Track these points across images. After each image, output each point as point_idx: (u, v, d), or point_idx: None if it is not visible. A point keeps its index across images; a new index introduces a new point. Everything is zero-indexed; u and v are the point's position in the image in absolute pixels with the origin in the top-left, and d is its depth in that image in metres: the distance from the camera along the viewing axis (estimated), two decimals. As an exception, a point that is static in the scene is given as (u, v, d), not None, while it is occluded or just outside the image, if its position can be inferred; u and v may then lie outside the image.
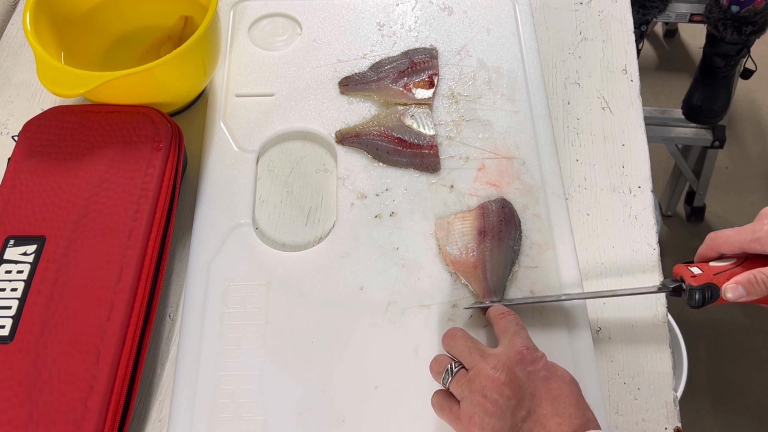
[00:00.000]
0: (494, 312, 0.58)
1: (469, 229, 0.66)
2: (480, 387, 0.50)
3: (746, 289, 0.54)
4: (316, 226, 0.69)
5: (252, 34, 0.81)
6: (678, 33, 2.10)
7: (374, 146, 0.72)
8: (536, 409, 0.49)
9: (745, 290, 0.54)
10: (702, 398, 1.52)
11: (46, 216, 0.61)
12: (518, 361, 0.51)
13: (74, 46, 0.74)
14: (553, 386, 0.50)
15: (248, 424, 0.57)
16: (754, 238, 0.54)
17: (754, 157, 1.89)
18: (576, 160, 0.73)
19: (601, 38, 0.83)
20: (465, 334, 0.55)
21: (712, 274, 0.56)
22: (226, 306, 0.62)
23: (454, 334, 0.56)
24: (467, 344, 0.54)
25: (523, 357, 0.51)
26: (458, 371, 0.53)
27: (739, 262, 0.56)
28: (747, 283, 0.54)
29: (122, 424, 0.55)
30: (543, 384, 0.50)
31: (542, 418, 0.48)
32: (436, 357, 0.56)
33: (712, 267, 0.57)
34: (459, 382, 0.52)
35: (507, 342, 0.53)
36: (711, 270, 0.57)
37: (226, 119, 0.74)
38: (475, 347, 0.53)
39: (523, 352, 0.51)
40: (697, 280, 0.57)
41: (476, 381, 0.51)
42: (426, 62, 0.77)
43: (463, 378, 0.52)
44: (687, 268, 0.58)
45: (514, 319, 0.56)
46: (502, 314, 0.57)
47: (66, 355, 0.55)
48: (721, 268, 0.56)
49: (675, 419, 0.59)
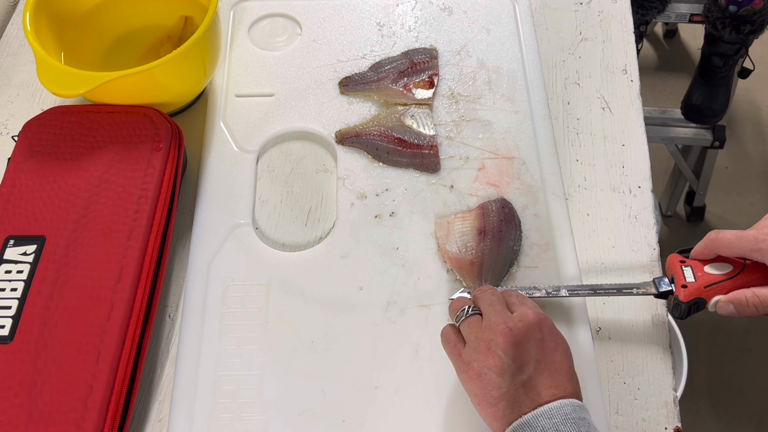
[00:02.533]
0: (476, 290, 0.57)
1: (469, 229, 0.66)
2: (487, 338, 0.51)
3: (737, 309, 0.55)
4: (316, 226, 0.69)
5: (252, 34, 0.81)
6: (678, 33, 2.10)
7: (374, 146, 0.72)
8: (537, 377, 0.49)
9: (736, 309, 0.55)
10: (702, 398, 1.52)
11: (46, 216, 0.61)
12: (533, 327, 0.51)
13: (74, 46, 0.74)
14: (557, 358, 0.50)
15: (248, 424, 0.57)
16: (756, 248, 0.53)
17: (754, 157, 1.89)
18: (576, 160, 0.73)
19: (601, 38, 0.83)
20: (495, 291, 0.56)
21: (703, 286, 0.56)
22: (226, 306, 0.62)
23: (485, 289, 0.56)
24: (492, 298, 0.54)
25: (540, 324, 0.51)
26: (473, 315, 0.54)
27: (736, 270, 0.56)
28: (738, 303, 0.55)
29: (122, 424, 0.55)
30: (549, 355, 0.50)
31: (539, 385, 0.49)
32: (458, 297, 0.58)
33: (705, 275, 0.56)
34: (470, 324, 0.53)
35: (519, 309, 0.53)
36: (703, 280, 0.56)
37: (226, 119, 0.74)
38: (499, 302, 0.54)
39: (540, 320, 0.52)
40: (686, 294, 0.56)
41: (485, 331, 0.51)
42: (426, 62, 0.77)
43: (475, 323, 0.53)
44: (681, 268, 0.58)
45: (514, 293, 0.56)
46: (481, 290, 0.56)
47: (66, 355, 0.55)
48: (715, 278, 0.56)
49: (675, 419, 0.59)
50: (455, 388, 0.58)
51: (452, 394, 0.58)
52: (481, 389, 0.50)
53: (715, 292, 0.56)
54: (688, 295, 0.56)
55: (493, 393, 0.49)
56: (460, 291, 0.62)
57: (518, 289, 0.62)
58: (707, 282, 0.56)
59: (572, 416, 0.47)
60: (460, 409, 0.57)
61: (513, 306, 0.54)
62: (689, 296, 0.56)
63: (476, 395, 0.50)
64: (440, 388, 0.58)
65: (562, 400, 0.48)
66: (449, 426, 0.57)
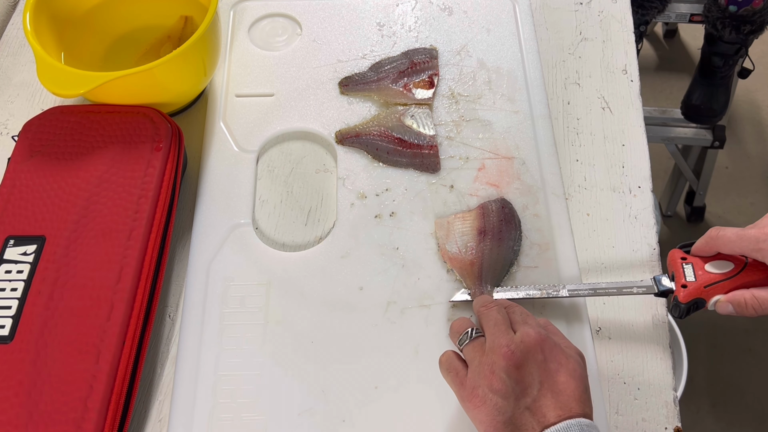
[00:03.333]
0: (479, 303, 0.57)
1: (469, 229, 0.66)
2: (490, 361, 0.50)
3: (735, 310, 0.55)
4: (316, 226, 0.69)
5: (252, 34, 0.81)
6: (678, 33, 2.10)
7: (374, 146, 0.72)
8: (541, 399, 0.49)
9: (735, 310, 0.55)
10: (702, 398, 1.52)
11: (46, 216, 0.61)
12: (534, 348, 0.50)
13: (74, 46, 0.74)
14: (560, 379, 0.49)
15: (248, 424, 0.57)
16: (757, 248, 0.53)
17: (754, 157, 1.89)
18: (576, 160, 0.73)
19: (601, 38, 0.83)
20: (499, 307, 0.55)
21: (702, 286, 0.56)
22: (226, 306, 0.62)
23: (491, 306, 0.55)
24: (497, 318, 0.53)
25: (542, 345, 0.51)
26: (477, 338, 0.53)
27: (737, 269, 0.56)
28: (737, 304, 0.55)
29: (122, 424, 0.55)
30: (552, 376, 0.50)
31: (544, 407, 0.48)
32: (460, 318, 0.57)
33: (706, 274, 0.56)
34: (474, 348, 0.52)
35: (521, 328, 0.52)
36: (703, 279, 0.56)
37: (226, 119, 0.74)
38: (504, 323, 0.53)
39: (542, 340, 0.51)
40: (686, 294, 0.56)
41: (490, 354, 0.50)
42: (426, 62, 0.77)
43: (479, 346, 0.52)
44: (681, 266, 0.57)
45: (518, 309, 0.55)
46: (485, 306, 0.56)
47: (66, 355, 0.55)
48: (715, 278, 0.56)
49: (675, 419, 0.59)
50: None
51: (452, 394, 0.58)
52: (487, 416, 0.49)
53: (714, 292, 0.56)
54: (688, 295, 0.56)
55: (499, 419, 0.48)
56: (460, 292, 0.62)
57: (518, 288, 0.62)
58: (707, 282, 0.56)
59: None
60: (460, 409, 0.57)
61: (516, 325, 0.53)
62: (689, 297, 0.56)
63: (482, 423, 0.49)
64: (440, 388, 0.58)
65: (569, 421, 0.47)
66: (449, 426, 0.57)
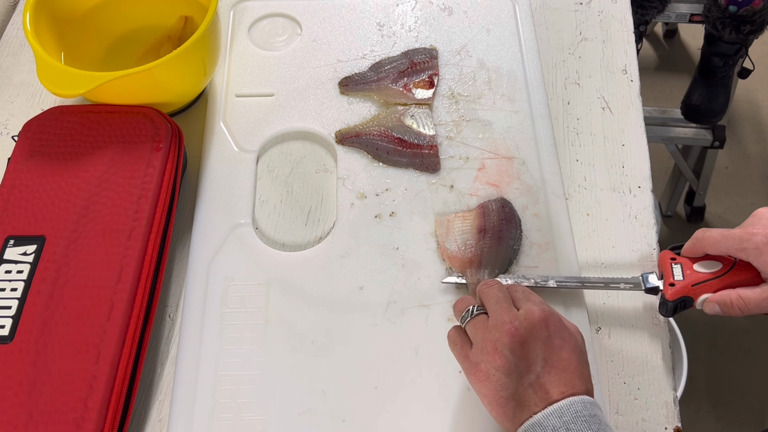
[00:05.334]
0: (481, 285, 0.57)
1: (469, 228, 0.66)
2: (493, 338, 0.50)
3: (722, 309, 0.56)
4: (316, 226, 0.69)
5: (252, 34, 0.81)
6: (678, 33, 2.10)
7: (374, 146, 0.72)
8: (545, 376, 0.49)
9: (721, 310, 0.56)
10: (702, 398, 1.52)
11: (46, 216, 0.61)
12: (539, 324, 0.50)
13: (74, 46, 0.74)
14: (564, 356, 0.50)
15: (248, 424, 0.57)
16: (741, 247, 0.54)
17: (754, 157, 1.89)
18: (576, 160, 0.73)
19: (601, 38, 0.83)
20: (501, 286, 0.55)
21: (690, 284, 0.56)
22: (226, 306, 0.62)
23: (491, 284, 0.55)
24: (498, 295, 0.53)
25: (546, 321, 0.51)
26: (479, 315, 0.53)
27: (725, 269, 0.56)
28: (723, 304, 0.55)
29: (122, 424, 0.55)
30: (556, 352, 0.50)
31: (548, 384, 0.48)
32: (462, 297, 0.56)
33: (694, 273, 0.57)
34: (476, 325, 0.52)
35: (525, 305, 0.52)
36: (691, 278, 0.57)
37: (226, 119, 0.74)
38: (506, 300, 0.53)
39: (546, 317, 0.51)
40: (674, 292, 0.57)
41: (492, 331, 0.50)
42: (426, 62, 0.77)
43: (481, 323, 0.52)
44: (670, 266, 0.58)
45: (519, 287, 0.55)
46: (486, 284, 0.56)
47: (66, 355, 0.55)
48: (703, 277, 0.56)
49: (675, 419, 0.59)
50: (455, 387, 0.58)
51: (452, 394, 0.58)
52: (490, 390, 0.49)
53: (702, 291, 0.56)
54: (675, 293, 0.57)
55: (502, 394, 0.49)
56: (454, 276, 0.62)
57: (507, 276, 0.62)
58: (695, 280, 0.56)
59: (582, 413, 0.47)
60: (460, 409, 0.57)
61: (519, 302, 0.53)
62: (675, 295, 0.56)
63: (486, 396, 0.50)
64: (440, 388, 0.58)
65: (572, 398, 0.47)
66: (449, 426, 0.57)
